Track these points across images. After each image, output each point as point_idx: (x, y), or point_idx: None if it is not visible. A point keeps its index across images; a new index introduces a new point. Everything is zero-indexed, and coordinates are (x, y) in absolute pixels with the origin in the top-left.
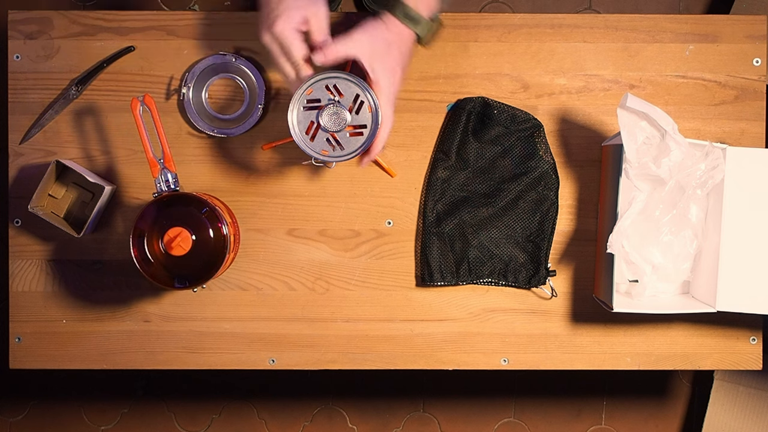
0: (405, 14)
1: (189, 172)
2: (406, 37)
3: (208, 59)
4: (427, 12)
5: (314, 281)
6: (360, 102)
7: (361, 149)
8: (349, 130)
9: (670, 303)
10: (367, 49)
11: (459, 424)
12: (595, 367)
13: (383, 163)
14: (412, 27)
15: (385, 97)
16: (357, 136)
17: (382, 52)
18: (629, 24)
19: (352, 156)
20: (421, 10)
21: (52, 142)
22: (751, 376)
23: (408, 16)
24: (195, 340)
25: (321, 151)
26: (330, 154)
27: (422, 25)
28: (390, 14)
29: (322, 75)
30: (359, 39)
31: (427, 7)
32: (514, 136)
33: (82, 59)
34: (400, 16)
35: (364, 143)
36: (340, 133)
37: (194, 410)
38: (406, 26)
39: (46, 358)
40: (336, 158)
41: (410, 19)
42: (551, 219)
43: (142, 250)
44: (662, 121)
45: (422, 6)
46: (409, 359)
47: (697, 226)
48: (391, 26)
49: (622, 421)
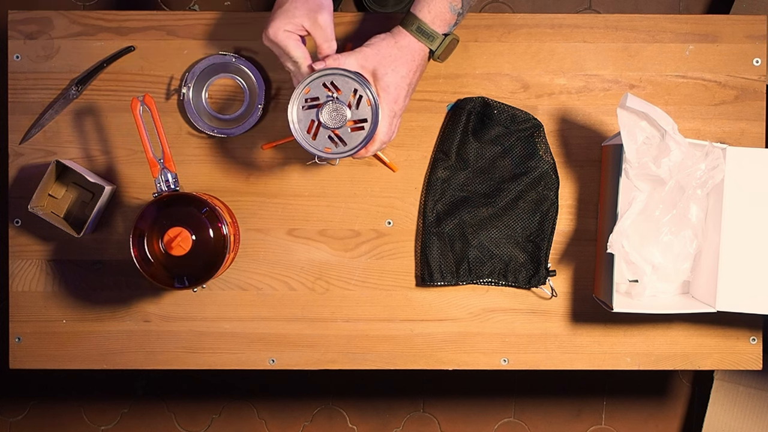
0: (419, 29)
1: (189, 172)
2: (417, 52)
3: (208, 59)
4: (442, 28)
5: (314, 281)
6: (359, 96)
7: (363, 143)
8: (350, 125)
9: (670, 303)
10: (371, 63)
11: (459, 424)
12: (595, 367)
13: (384, 158)
14: (426, 43)
15: (385, 112)
16: (358, 131)
17: (387, 67)
18: (629, 24)
19: (355, 151)
20: (436, 26)
21: (52, 142)
22: (751, 376)
23: (422, 32)
24: (195, 340)
25: (324, 149)
26: (333, 151)
27: (437, 40)
28: (403, 29)
29: (319, 73)
30: (365, 53)
31: (443, 22)
32: (514, 136)
33: (82, 59)
34: (413, 31)
35: (366, 138)
36: (342, 129)
37: (194, 410)
38: (419, 41)
39: (46, 358)
40: (339, 155)
41: (424, 35)
42: (551, 219)
43: (142, 250)
44: (662, 121)
45: (438, 22)
46: (409, 359)
47: (697, 226)
48: (401, 40)
49: (622, 421)
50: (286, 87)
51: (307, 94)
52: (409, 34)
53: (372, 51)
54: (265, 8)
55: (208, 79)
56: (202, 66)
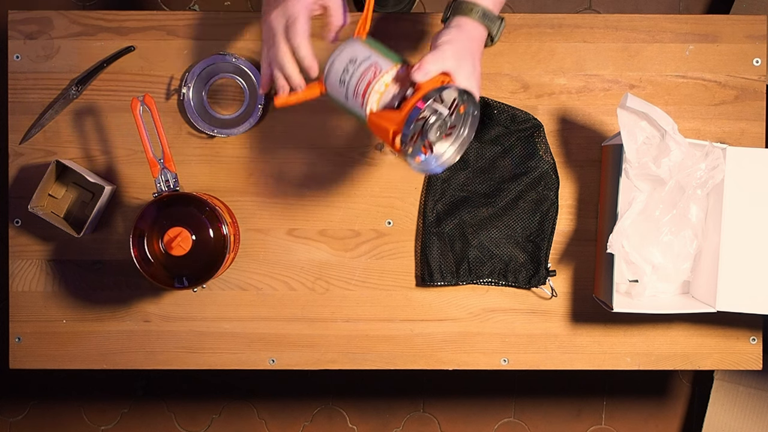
0: (484, 15)
1: (189, 172)
2: (480, 40)
3: (208, 59)
4: (498, 11)
5: (314, 281)
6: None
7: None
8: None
9: (670, 303)
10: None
11: (459, 424)
12: (595, 367)
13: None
14: (490, 27)
15: None
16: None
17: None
18: (629, 24)
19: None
20: (496, 9)
21: (52, 142)
22: (751, 376)
23: (487, 17)
24: (195, 340)
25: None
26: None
27: (496, 24)
28: (467, 18)
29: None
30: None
31: (499, 5)
32: (514, 136)
33: (82, 59)
34: (479, 18)
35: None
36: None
37: (194, 410)
38: (484, 28)
39: (46, 358)
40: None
41: (489, 20)
42: (551, 219)
43: (142, 250)
44: (662, 121)
45: (497, 5)
46: (409, 359)
47: (697, 226)
48: (471, 31)
49: (622, 421)
50: None
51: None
52: (476, 22)
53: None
54: None
55: (208, 79)
56: (202, 66)
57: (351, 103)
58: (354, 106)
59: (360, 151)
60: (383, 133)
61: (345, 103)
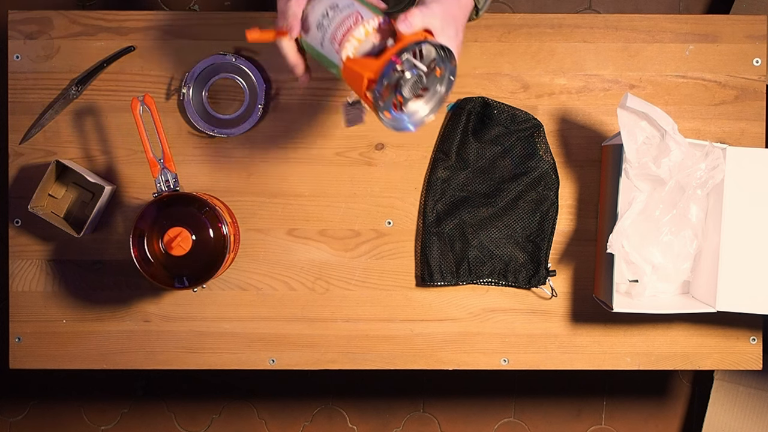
0: None
1: (189, 172)
2: (467, 8)
3: (208, 59)
4: None
5: (314, 281)
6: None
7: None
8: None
9: (670, 303)
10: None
11: (459, 424)
12: (595, 367)
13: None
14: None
15: None
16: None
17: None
18: (629, 24)
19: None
20: None
21: (52, 142)
22: (751, 376)
23: None
24: (195, 340)
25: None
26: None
27: None
28: None
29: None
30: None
31: None
32: (514, 136)
33: (82, 59)
34: None
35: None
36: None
37: (194, 410)
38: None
39: (46, 358)
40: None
41: None
42: (551, 219)
43: (142, 250)
44: (662, 121)
45: None
46: (409, 359)
47: (697, 226)
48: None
49: (622, 421)
50: (286, 87)
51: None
52: None
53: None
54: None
55: (208, 79)
56: (202, 66)
57: (327, 50)
58: (329, 53)
59: (360, 151)
60: (357, 80)
61: (320, 50)
